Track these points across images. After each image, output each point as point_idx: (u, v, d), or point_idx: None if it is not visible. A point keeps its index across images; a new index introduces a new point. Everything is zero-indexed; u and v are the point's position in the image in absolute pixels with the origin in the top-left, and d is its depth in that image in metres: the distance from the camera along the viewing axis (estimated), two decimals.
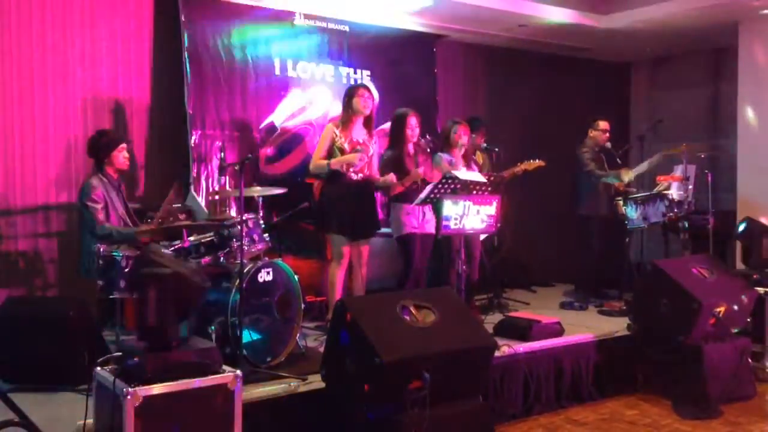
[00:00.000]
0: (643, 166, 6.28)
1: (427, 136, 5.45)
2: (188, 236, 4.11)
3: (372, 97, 4.97)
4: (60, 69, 5.17)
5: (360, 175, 4.90)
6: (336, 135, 4.87)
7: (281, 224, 5.10)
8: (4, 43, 4.96)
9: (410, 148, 5.23)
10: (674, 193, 5.92)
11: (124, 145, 4.57)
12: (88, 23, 5.29)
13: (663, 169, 6.32)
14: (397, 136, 5.20)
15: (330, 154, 4.87)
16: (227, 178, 5.49)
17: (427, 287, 5.14)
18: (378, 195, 5.38)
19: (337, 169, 4.84)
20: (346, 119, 4.92)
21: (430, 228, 5.22)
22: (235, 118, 5.78)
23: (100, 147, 4.52)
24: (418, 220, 5.16)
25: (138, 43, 5.52)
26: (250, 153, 5.68)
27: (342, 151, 4.84)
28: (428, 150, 5.25)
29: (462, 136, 5.50)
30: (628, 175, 6.05)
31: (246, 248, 4.07)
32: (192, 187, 5.47)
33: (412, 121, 5.17)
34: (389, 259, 5.75)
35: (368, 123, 5.01)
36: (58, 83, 5.17)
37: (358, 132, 4.94)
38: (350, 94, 4.96)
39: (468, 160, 5.67)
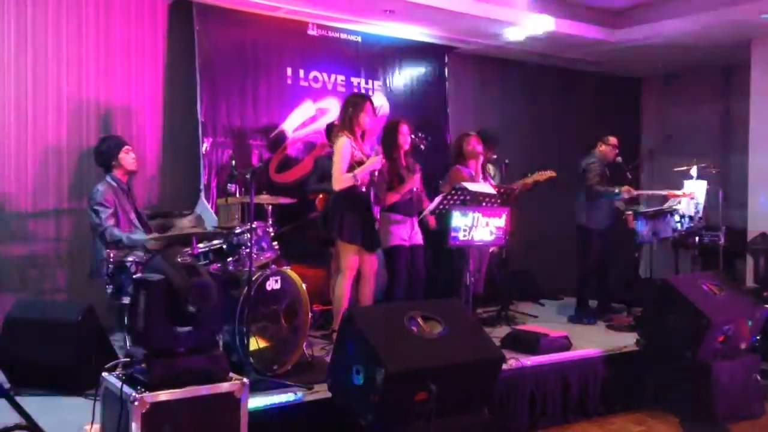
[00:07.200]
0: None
1: (420, 134, 5.27)
2: (197, 243, 4.12)
3: (375, 113, 4.89)
4: (74, 76, 5.22)
5: (364, 188, 4.74)
6: (354, 147, 4.63)
7: (290, 233, 5.09)
8: (20, 50, 5.01)
9: (403, 157, 5.10)
10: (685, 209, 5.88)
11: (128, 147, 4.59)
12: (103, 31, 5.34)
13: (674, 185, 6.30)
14: (390, 145, 5.06)
15: (350, 168, 4.62)
16: (237, 185, 5.50)
17: (426, 298, 5.07)
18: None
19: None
20: (350, 130, 4.68)
21: (420, 239, 5.10)
22: (246, 126, 5.82)
23: (104, 152, 4.55)
24: (408, 232, 5.02)
25: (152, 50, 5.57)
26: (260, 161, 5.70)
27: (360, 163, 4.63)
28: (422, 147, 5.12)
29: (476, 146, 5.50)
30: (628, 193, 6.00)
31: (255, 256, 4.07)
32: (202, 194, 5.50)
33: (404, 129, 5.06)
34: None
35: (364, 135, 4.82)
36: (72, 90, 5.21)
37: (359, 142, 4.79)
38: (358, 107, 4.70)
39: (483, 172, 5.66)
